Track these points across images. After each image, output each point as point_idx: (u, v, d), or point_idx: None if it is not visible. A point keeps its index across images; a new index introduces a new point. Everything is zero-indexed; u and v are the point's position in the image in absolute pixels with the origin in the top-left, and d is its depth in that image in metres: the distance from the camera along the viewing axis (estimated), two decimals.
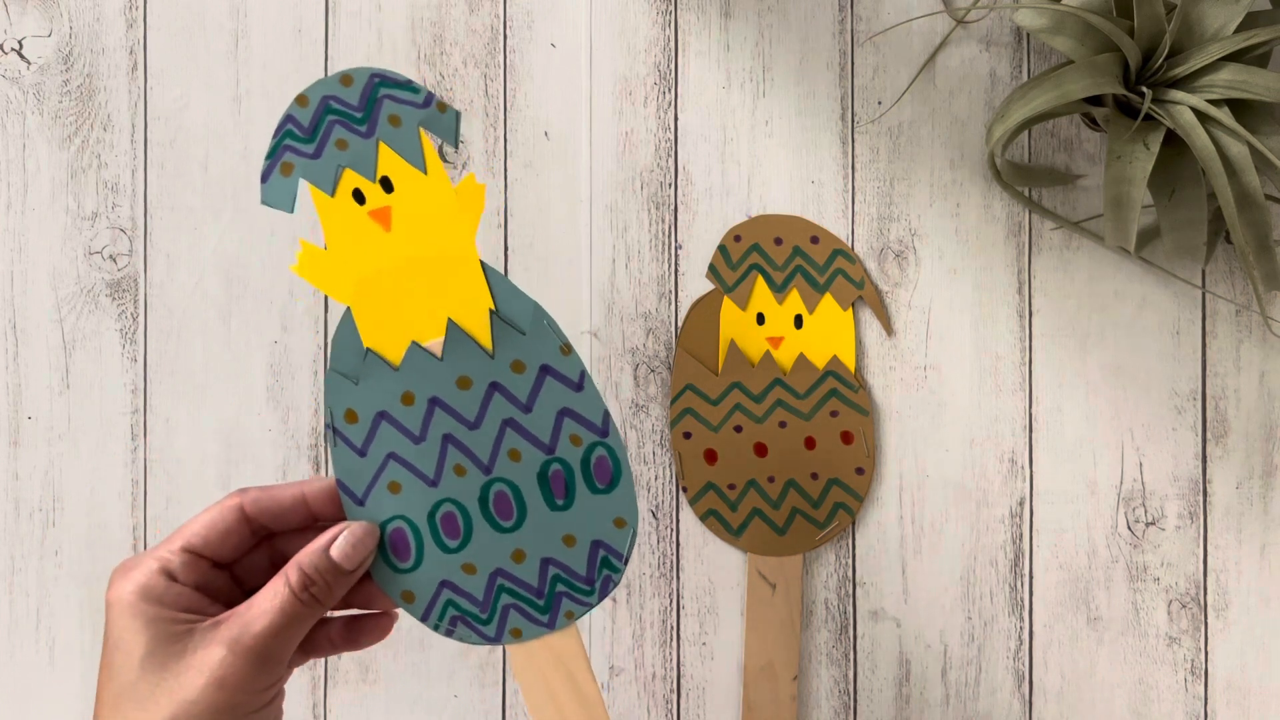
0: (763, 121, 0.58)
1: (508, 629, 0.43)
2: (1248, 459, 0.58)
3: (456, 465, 0.42)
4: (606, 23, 0.58)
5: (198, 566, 0.40)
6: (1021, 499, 0.58)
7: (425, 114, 0.42)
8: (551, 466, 0.42)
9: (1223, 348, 0.58)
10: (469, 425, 0.42)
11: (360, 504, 0.42)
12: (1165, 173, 0.53)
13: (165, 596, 0.39)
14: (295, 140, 0.42)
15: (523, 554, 0.43)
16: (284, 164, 0.42)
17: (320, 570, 0.40)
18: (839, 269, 0.58)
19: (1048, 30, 0.53)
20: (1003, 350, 0.58)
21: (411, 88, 0.42)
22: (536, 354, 0.42)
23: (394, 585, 0.43)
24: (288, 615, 0.39)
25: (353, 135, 0.42)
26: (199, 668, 0.38)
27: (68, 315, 0.58)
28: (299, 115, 0.42)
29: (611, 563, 0.43)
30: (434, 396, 0.42)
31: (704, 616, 0.58)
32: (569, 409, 0.42)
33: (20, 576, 0.58)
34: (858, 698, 0.58)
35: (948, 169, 0.58)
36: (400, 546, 0.42)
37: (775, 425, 0.58)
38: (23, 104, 0.58)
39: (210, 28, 0.58)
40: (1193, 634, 0.58)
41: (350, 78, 0.42)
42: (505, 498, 0.42)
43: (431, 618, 0.43)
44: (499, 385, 0.42)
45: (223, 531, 0.41)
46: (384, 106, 0.42)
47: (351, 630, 0.44)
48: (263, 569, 0.43)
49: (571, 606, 0.43)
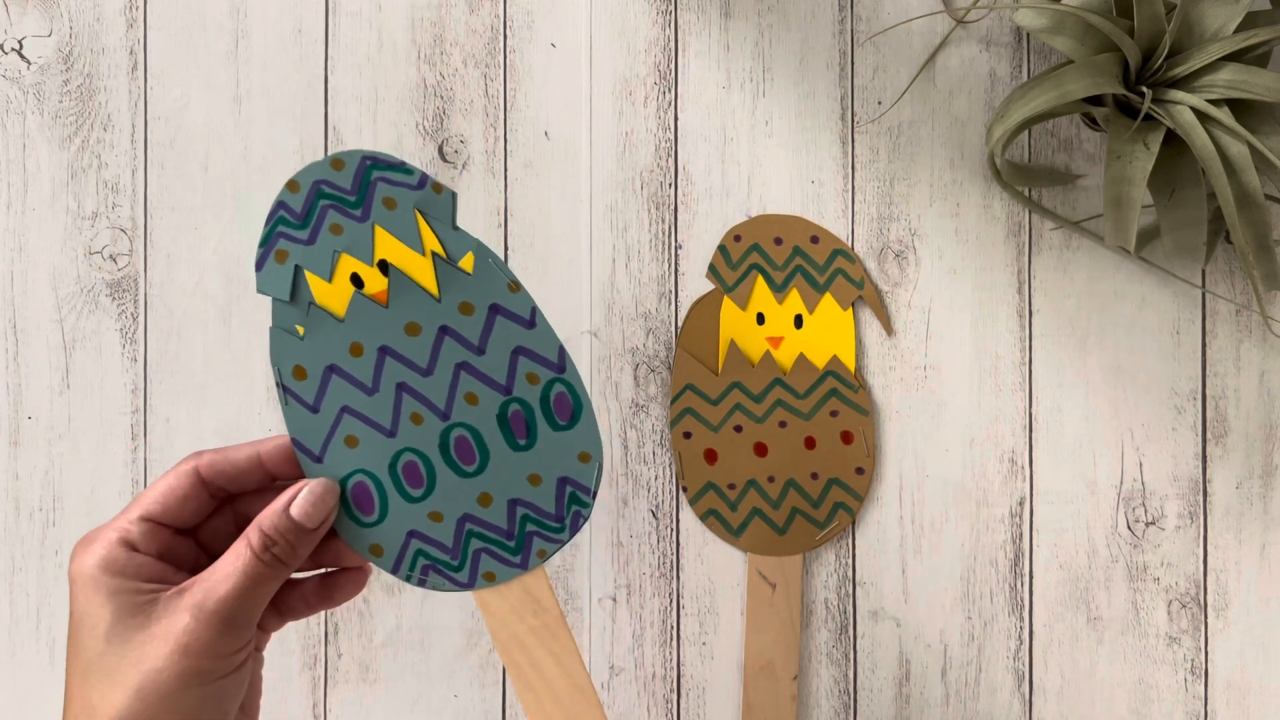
0: (763, 121, 0.58)
1: (480, 573, 0.43)
2: (1248, 459, 0.58)
3: (413, 413, 0.42)
4: (606, 23, 0.58)
5: (158, 535, 0.40)
6: (1021, 499, 0.58)
7: (420, 196, 0.42)
8: (510, 407, 0.42)
9: (1223, 347, 0.58)
10: (422, 372, 0.42)
11: (318, 460, 0.42)
12: (1165, 172, 0.53)
13: (127, 567, 0.38)
14: (288, 226, 0.41)
15: (489, 497, 0.42)
16: (278, 251, 0.41)
17: (281, 530, 0.39)
18: (839, 269, 0.58)
19: (1048, 30, 0.53)
20: (1003, 350, 0.58)
21: (405, 169, 0.42)
22: (484, 293, 0.42)
23: (361, 540, 0.42)
24: (251, 577, 0.38)
25: (347, 220, 0.41)
26: (164, 636, 0.37)
27: (68, 315, 0.58)
28: (291, 201, 0.42)
29: (579, 498, 0.43)
30: (383, 345, 0.42)
31: (704, 616, 0.58)
32: (523, 347, 0.42)
33: (20, 576, 0.58)
34: (858, 698, 0.58)
35: (948, 169, 0.58)
36: (363, 500, 0.42)
37: (775, 425, 0.58)
38: (23, 104, 0.58)
39: (210, 28, 0.58)
40: (1193, 634, 0.58)
41: (341, 162, 0.41)
42: (466, 442, 0.42)
43: (402, 569, 0.42)
44: (448, 329, 0.42)
45: (180, 497, 0.40)
46: (378, 189, 0.41)
47: (324, 588, 0.44)
48: (227, 533, 0.42)
49: (543, 545, 0.43)
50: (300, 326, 0.41)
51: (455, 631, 0.58)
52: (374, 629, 0.58)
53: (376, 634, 0.58)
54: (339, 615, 0.58)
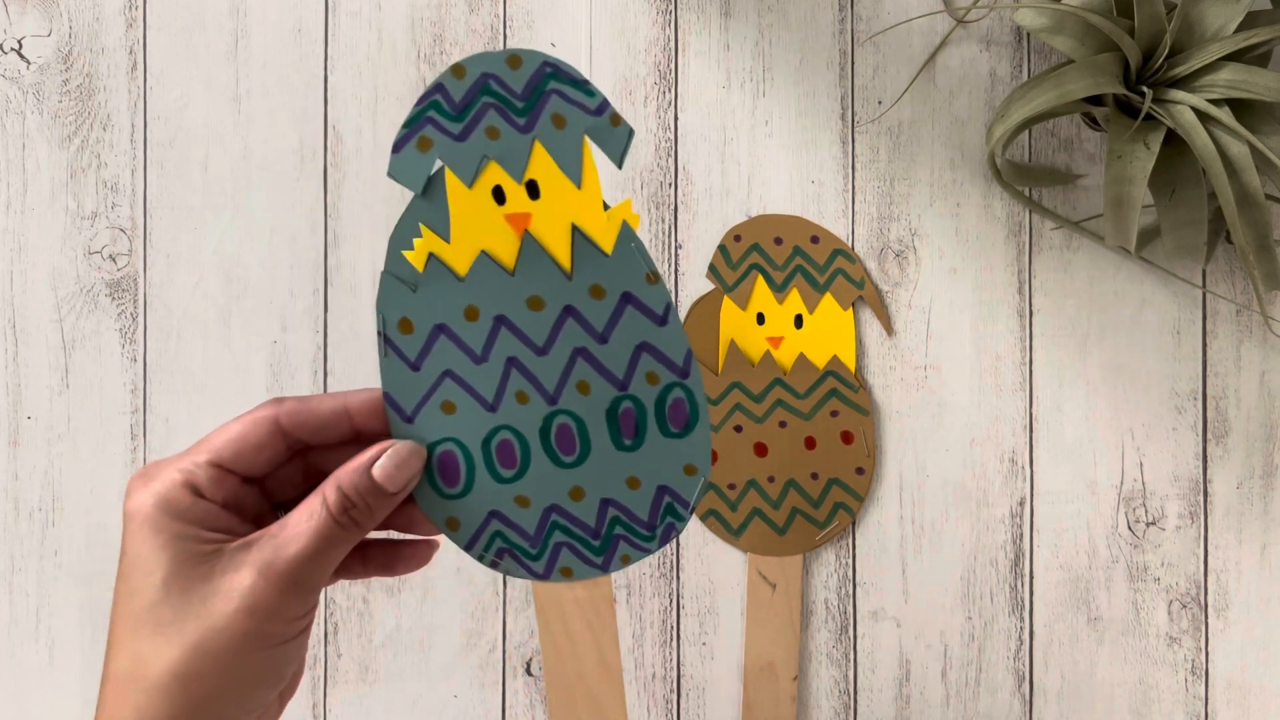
0: (763, 121, 0.58)
1: (558, 567, 0.40)
2: (1248, 459, 0.58)
3: (519, 391, 0.39)
4: (606, 22, 0.58)
5: (225, 482, 0.37)
6: (1022, 499, 0.58)
7: (595, 123, 0.37)
8: (623, 404, 0.39)
9: (1223, 347, 0.58)
10: (536, 350, 0.39)
11: (408, 421, 0.39)
12: (1165, 172, 0.53)
13: (190, 513, 0.35)
14: (441, 114, 0.37)
15: (582, 492, 0.40)
16: (422, 138, 0.37)
17: (361, 491, 0.37)
18: (839, 269, 0.58)
19: (1048, 30, 0.52)
20: (1003, 350, 0.58)
21: (586, 89, 0.37)
22: (619, 279, 0.38)
23: (439, 510, 0.40)
24: (324, 539, 0.36)
25: (507, 125, 0.37)
26: (227, 593, 0.35)
27: (67, 315, 0.58)
28: (451, 87, 0.37)
29: (677, 510, 0.40)
30: (500, 315, 0.39)
31: (704, 616, 0.58)
32: (648, 344, 0.39)
33: (20, 576, 0.58)
34: (858, 698, 0.58)
35: (948, 169, 0.58)
36: (449, 470, 0.39)
37: (775, 425, 0.58)
38: (22, 104, 0.58)
39: (210, 27, 0.58)
40: (1193, 634, 0.58)
41: (519, 59, 0.37)
42: (569, 431, 0.39)
43: (477, 547, 0.40)
44: (574, 310, 0.39)
45: (254, 446, 0.37)
46: (549, 102, 0.37)
47: (388, 556, 0.41)
48: (295, 483, 0.39)
49: (628, 550, 0.40)
50: (421, 260, 0.38)
51: (455, 631, 0.58)
52: (374, 629, 0.58)
53: (376, 634, 0.58)
54: (339, 615, 0.58)
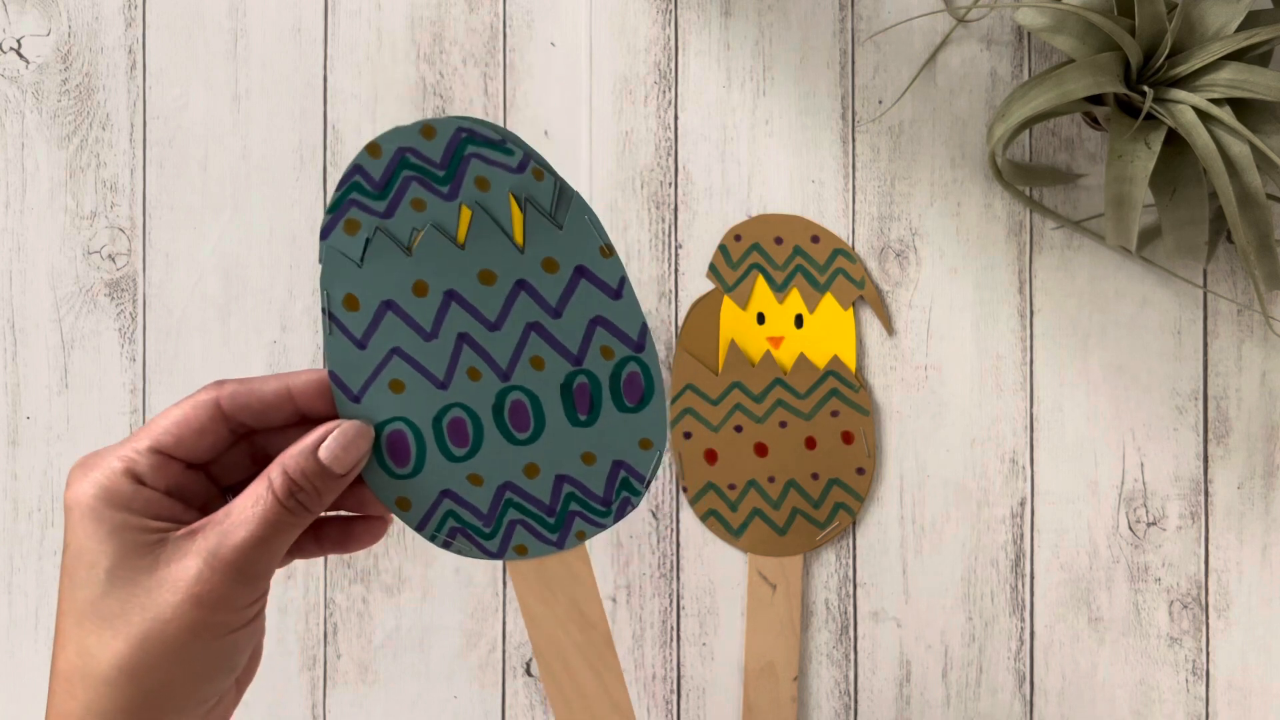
0: (763, 121, 0.58)
1: (512, 545, 0.40)
2: (1249, 459, 0.58)
3: (470, 368, 0.39)
4: (606, 21, 0.58)
5: (168, 468, 0.36)
6: (1022, 499, 0.58)
7: (518, 180, 0.37)
8: (577, 379, 0.39)
9: (1224, 347, 0.58)
10: (488, 325, 0.38)
11: (355, 400, 0.38)
12: (1166, 172, 0.52)
13: (133, 502, 0.35)
14: (363, 195, 0.37)
15: (536, 468, 0.39)
16: (348, 220, 0.37)
17: (307, 474, 0.36)
18: (839, 268, 0.58)
19: (1049, 29, 0.52)
20: (1004, 350, 0.58)
21: (504, 149, 0.37)
22: (573, 253, 0.38)
23: (389, 491, 0.39)
24: (270, 524, 0.35)
25: (432, 196, 0.37)
26: (172, 583, 0.34)
27: (66, 315, 0.58)
28: (369, 167, 0.37)
29: (632, 484, 0.40)
30: (451, 289, 0.38)
31: (704, 617, 0.58)
32: (603, 318, 0.39)
33: (19, 576, 0.58)
34: (858, 698, 0.58)
35: (948, 168, 0.58)
36: (399, 450, 0.39)
37: (776, 425, 0.57)
38: (21, 103, 0.58)
39: (209, 27, 0.58)
40: (1194, 634, 0.58)
41: (433, 130, 0.37)
42: (522, 407, 0.39)
43: (429, 527, 0.40)
44: (526, 284, 0.38)
45: (196, 430, 0.36)
46: (470, 166, 0.37)
47: (341, 534, 0.40)
48: (243, 466, 0.39)
49: (584, 526, 0.40)
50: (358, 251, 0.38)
51: (455, 632, 0.58)
52: (373, 630, 0.58)
53: (376, 635, 0.58)
54: (338, 616, 0.58)
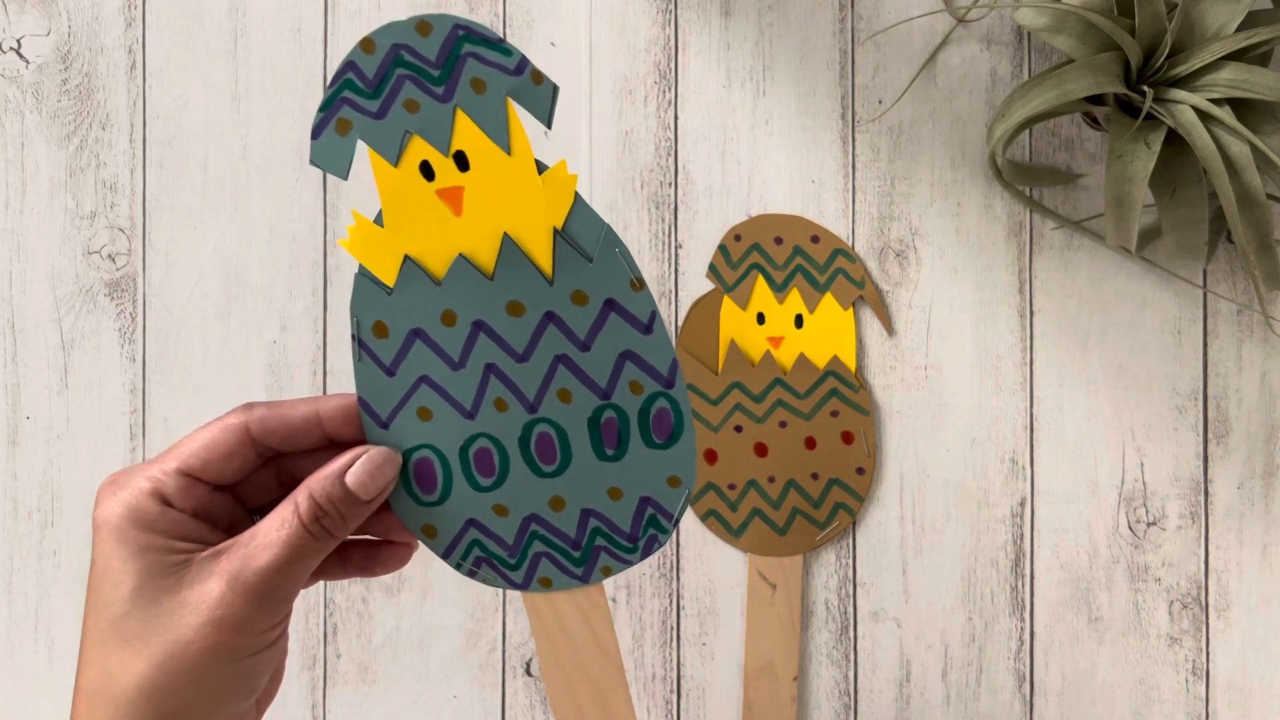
0: (763, 120, 0.58)
1: (537, 577, 0.40)
2: (1249, 459, 0.58)
3: (498, 399, 0.38)
4: (606, 22, 0.58)
5: (195, 491, 0.36)
6: (1022, 499, 0.58)
7: (516, 83, 0.36)
8: (605, 413, 0.38)
9: (1224, 347, 0.58)
10: (516, 357, 0.38)
11: (384, 427, 0.38)
12: (1166, 172, 0.52)
13: (159, 523, 0.35)
14: (356, 93, 0.36)
15: (562, 502, 0.39)
16: (340, 120, 0.36)
17: (333, 499, 0.36)
18: (839, 268, 0.58)
19: (1049, 29, 0.52)
20: (1003, 350, 0.58)
21: (503, 48, 0.36)
22: (602, 286, 0.38)
23: (415, 518, 0.39)
24: (295, 549, 0.35)
25: (426, 96, 0.36)
26: (195, 605, 0.34)
27: (66, 315, 0.58)
28: (362, 63, 0.36)
29: (659, 522, 0.39)
30: (479, 320, 0.38)
31: (704, 617, 0.58)
32: (632, 352, 0.38)
33: (19, 576, 0.58)
34: (858, 698, 0.58)
35: (948, 168, 0.58)
36: (425, 477, 0.39)
37: (775, 425, 0.57)
38: (21, 103, 0.58)
39: (209, 27, 0.58)
40: (1194, 634, 0.58)
41: (429, 25, 0.36)
42: (549, 440, 0.39)
43: (454, 556, 0.39)
44: (555, 316, 0.38)
45: (224, 453, 0.36)
46: (466, 67, 0.36)
47: (366, 558, 0.40)
48: (270, 489, 0.39)
49: (609, 562, 0.40)
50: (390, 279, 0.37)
51: (455, 632, 0.58)
52: (373, 630, 0.58)
53: (375, 635, 0.58)
54: (338, 616, 0.58)
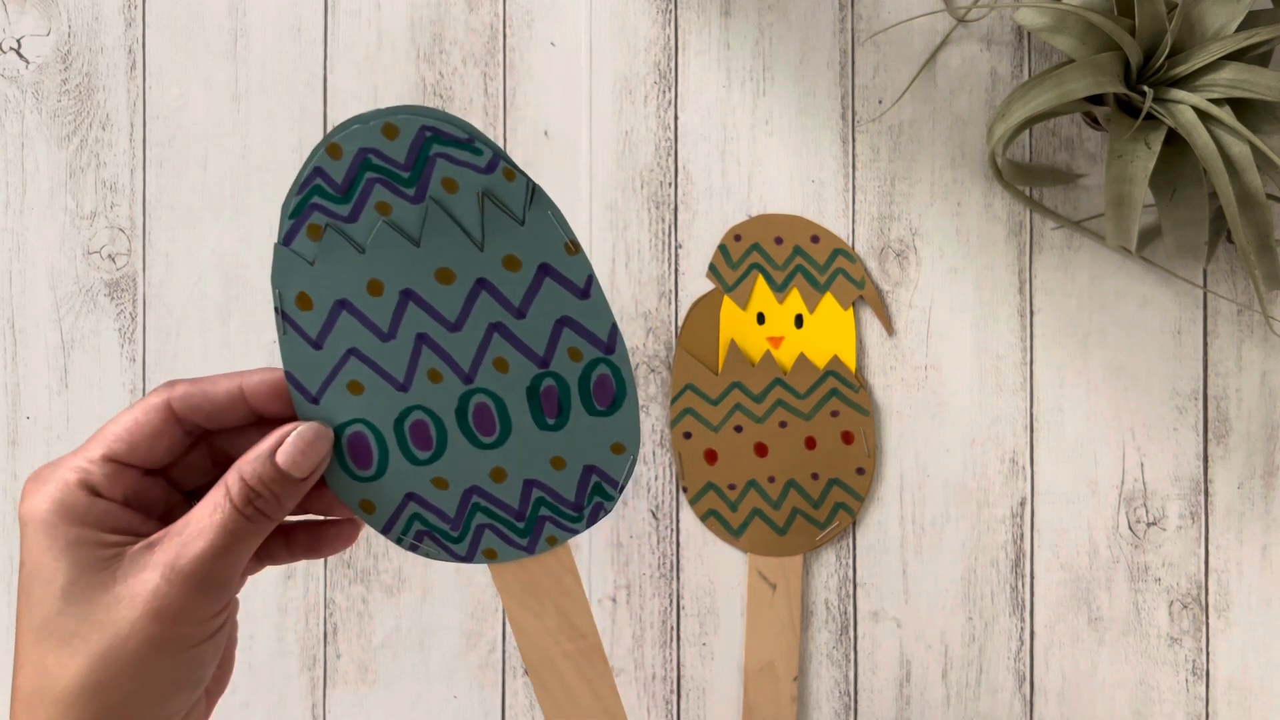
0: (763, 120, 0.58)
1: (481, 549, 0.39)
2: (1249, 459, 0.58)
3: (431, 370, 0.37)
4: (606, 21, 0.58)
5: (124, 476, 0.35)
6: (1022, 499, 0.58)
7: (488, 180, 0.36)
8: (544, 381, 0.38)
9: (1224, 347, 0.58)
10: (448, 326, 0.37)
11: (313, 401, 0.37)
12: (1166, 172, 0.52)
13: (88, 515, 0.34)
14: (325, 199, 0.36)
15: (503, 473, 0.38)
16: (311, 226, 0.36)
17: (265, 479, 0.35)
18: (839, 268, 0.58)
19: (1049, 29, 0.52)
20: (1004, 350, 0.58)
21: (472, 148, 0.35)
22: (536, 250, 0.37)
23: (352, 493, 0.38)
24: (230, 533, 0.34)
25: (397, 198, 0.36)
26: (130, 598, 0.33)
27: (66, 315, 0.58)
28: (330, 169, 0.35)
29: (604, 489, 0.39)
30: (407, 288, 0.37)
31: (704, 617, 0.58)
32: (570, 318, 0.37)
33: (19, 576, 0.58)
34: (858, 698, 0.58)
35: (948, 168, 0.58)
36: (360, 452, 0.38)
37: (775, 425, 0.57)
38: (21, 103, 0.58)
39: (209, 26, 0.58)
40: (1194, 634, 0.58)
41: (395, 128, 0.35)
42: (487, 410, 0.38)
43: (394, 530, 0.39)
44: (487, 282, 0.37)
45: (150, 435, 0.35)
46: (437, 167, 0.36)
47: (311, 538, 0.39)
48: (203, 469, 0.37)
49: (555, 531, 0.39)
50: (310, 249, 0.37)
51: (454, 632, 0.58)
52: (373, 630, 0.58)
53: (375, 635, 0.58)
54: (338, 616, 0.58)
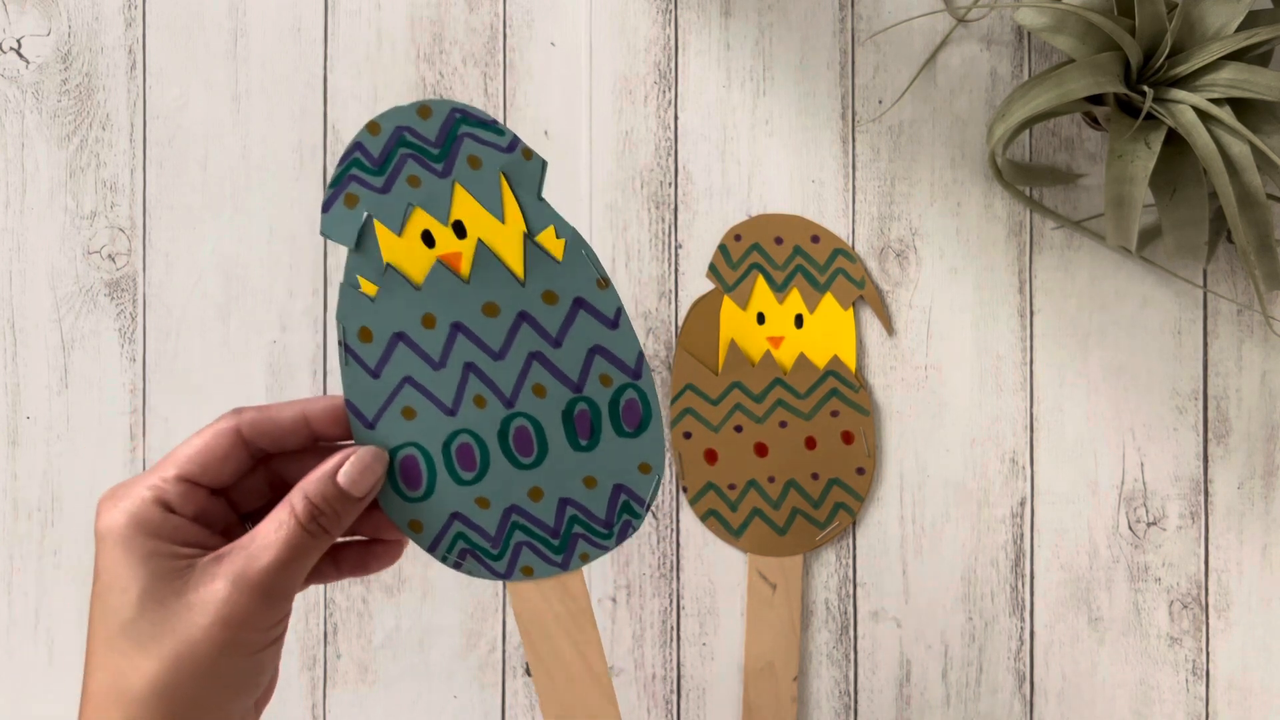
0: (763, 120, 0.58)
1: (519, 566, 0.42)
2: (1249, 459, 0.58)
3: (477, 396, 0.41)
4: (606, 21, 0.58)
5: (194, 495, 0.38)
6: (1022, 499, 0.58)
7: (508, 159, 0.40)
8: (577, 405, 0.41)
9: (1224, 347, 0.58)
10: (493, 355, 0.41)
11: (370, 427, 0.41)
12: (1166, 172, 0.52)
13: (162, 529, 0.37)
14: (363, 171, 0.40)
15: (540, 492, 0.42)
16: (348, 195, 0.40)
17: (327, 498, 0.38)
18: (839, 268, 0.58)
19: (1049, 29, 0.52)
20: (1004, 350, 0.58)
21: (496, 129, 0.40)
22: (571, 285, 0.41)
23: (402, 514, 0.41)
24: (294, 547, 0.37)
25: (427, 173, 0.40)
26: (202, 606, 0.36)
27: (66, 315, 0.58)
28: (369, 144, 0.40)
29: (633, 508, 0.42)
30: (457, 321, 0.41)
31: (704, 617, 0.58)
32: (601, 346, 0.41)
33: (19, 576, 0.58)
34: (858, 698, 0.58)
35: (948, 168, 0.58)
36: (411, 474, 0.41)
37: (776, 425, 0.57)
38: (21, 103, 0.58)
39: (209, 26, 0.58)
40: (1194, 634, 0.58)
41: (429, 109, 0.40)
42: (526, 433, 0.41)
43: (440, 549, 0.42)
44: (528, 315, 0.41)
45: (220, 457, 0.38)
46: (463, 145, 0.40)
47: (359, 557, 0.42)
48: (260, 492, 0.41)
49: (587, 549, 0.42)
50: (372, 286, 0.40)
51: (455, 632, 0.58)
52: (373, 630, 0.58)
53: (375, 635, 0.58)
54: (338, 616, 0.58)
